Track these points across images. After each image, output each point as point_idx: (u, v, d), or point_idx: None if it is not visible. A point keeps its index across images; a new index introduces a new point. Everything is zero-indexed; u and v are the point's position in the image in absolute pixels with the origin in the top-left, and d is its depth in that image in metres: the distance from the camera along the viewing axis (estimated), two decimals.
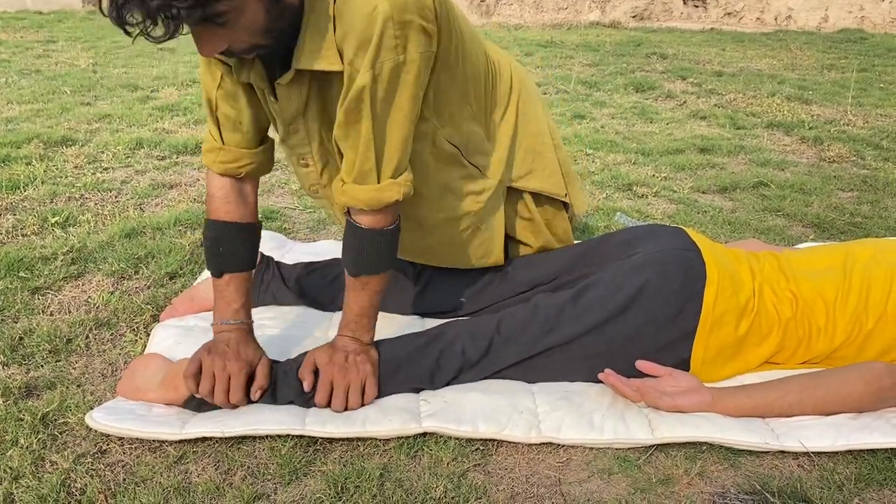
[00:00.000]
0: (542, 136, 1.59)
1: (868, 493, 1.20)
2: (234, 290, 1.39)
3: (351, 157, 1.26)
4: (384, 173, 1.27)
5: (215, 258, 1.39)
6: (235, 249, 1.39)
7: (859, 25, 7.96)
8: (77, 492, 1.17)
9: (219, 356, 1.33)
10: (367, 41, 1.15)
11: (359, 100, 1.19)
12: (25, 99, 3.79)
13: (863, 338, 1.42)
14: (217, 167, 1.38)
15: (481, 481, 1.22)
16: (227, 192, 1.40)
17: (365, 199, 1.28)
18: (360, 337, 1.38)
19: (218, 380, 1.32)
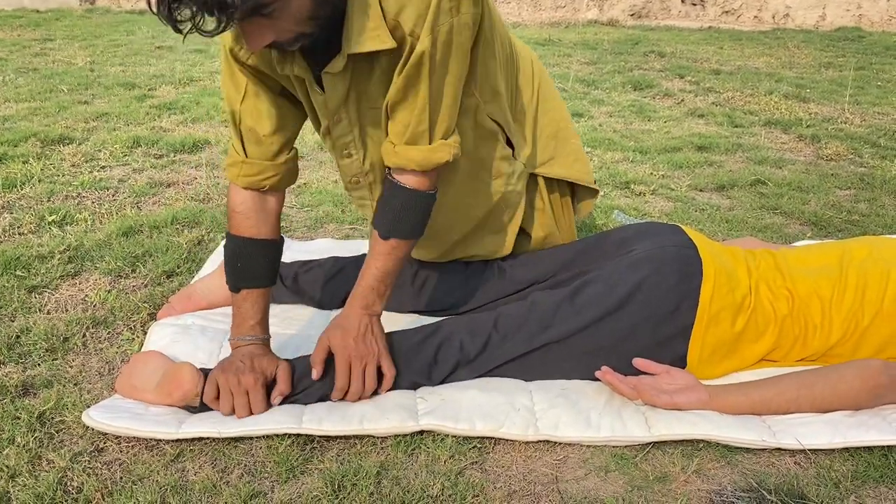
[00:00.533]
0: (565, 123, 1.60)
1: (864, 491, 1.20)
2: (250, 305, 1.38)
3: (405, 119, 1.27)
4: (436, 134, 1.29)
5: (233, 273, 1.39)
6: (253, 265, 1.38)
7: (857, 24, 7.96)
8: (73, 490, 1.17)
9: (232, 373, 1.32)
10: (426, 7, 1.17)
11: (419, 64, 1.21)
12: (22, 97, 3.78)
13: (859, 335, 1.42)
14: (241, 181, 1.37)
15: (478, 479, 1.22)
16: (247, 207, 1.39)
17: (418, 160, 1.29)
18: (373, 306, 1.37)
19: (236, 395, 1.30)
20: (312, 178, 2.72)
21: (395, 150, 1.30)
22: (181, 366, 1.36)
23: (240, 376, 1.31)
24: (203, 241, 2.13)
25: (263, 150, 1.36)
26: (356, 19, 1.18)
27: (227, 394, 1.31)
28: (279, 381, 1.34)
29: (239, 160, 1.37)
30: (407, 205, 1.33)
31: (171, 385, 1.34)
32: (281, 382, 1.34)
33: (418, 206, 1.34)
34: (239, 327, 1.39)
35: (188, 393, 1.33)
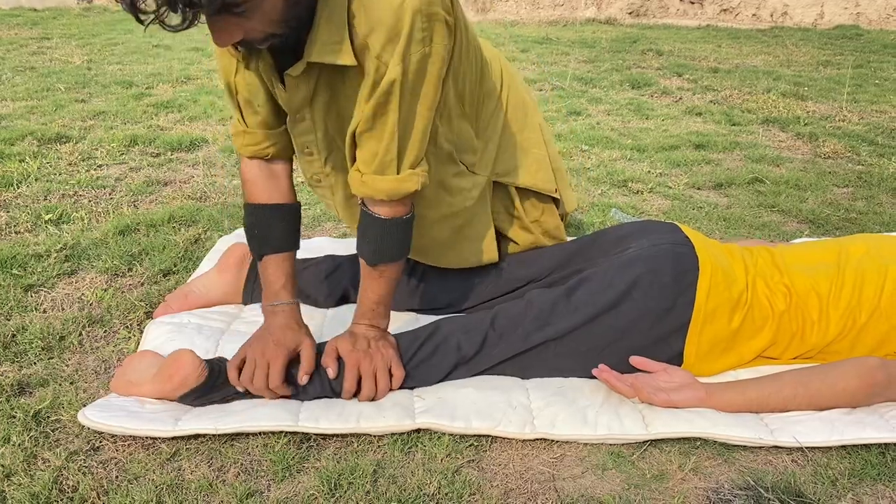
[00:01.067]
0: (530, 132, 1.58)
1: (861, 488, 1.20)
2: (272, 271, 1.40)
3: (373, 148, 1.26)
4: (405, 164, 1.28)
5: (253, 241, 1.41)
6: (270, 231, 1.40)
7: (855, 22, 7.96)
8: (69, 489, 1.16)
9: (259, 345, 1.33)
10: (396, 34, 1.15)
11: (388, 93, 1.20)
12: (19, 96, 3.78)
13: (856, 332, 1.42)
14: (245, 150, 1.39)
15: (475, 477, 1.21)
16: (256, 175, 1.40)
17: (386, 190, 1.28)
18: (377, 324, 1.40)
19: (258, 367, 1.32)
20: None
21: (362, 180, 1.29)
22: (181, 350, 1.36)
23: (265, 347, 1.33)
24: (200, 239, 2.12)
25: (261, 119, 1.37)
26: (322, 29, 1.17)
27: (250, 363, 1.32)
28: (304, 360, 1.35)
29: (241, 130, 1.38)
30: (384, 233, 1.33)
31: (171, 369, 1.34)
32: (305, 361, 1.34)
33: (395, 232, 1.34)
34: (266, 294, 1.41)
35: (189, 376, 1.32)
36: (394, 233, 1.33)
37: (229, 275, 1.71)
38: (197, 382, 1.33)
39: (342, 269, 1.72)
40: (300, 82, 1.26)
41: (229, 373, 1.34)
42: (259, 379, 1.31)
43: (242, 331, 1.59)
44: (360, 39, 1.17)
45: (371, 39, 1.16)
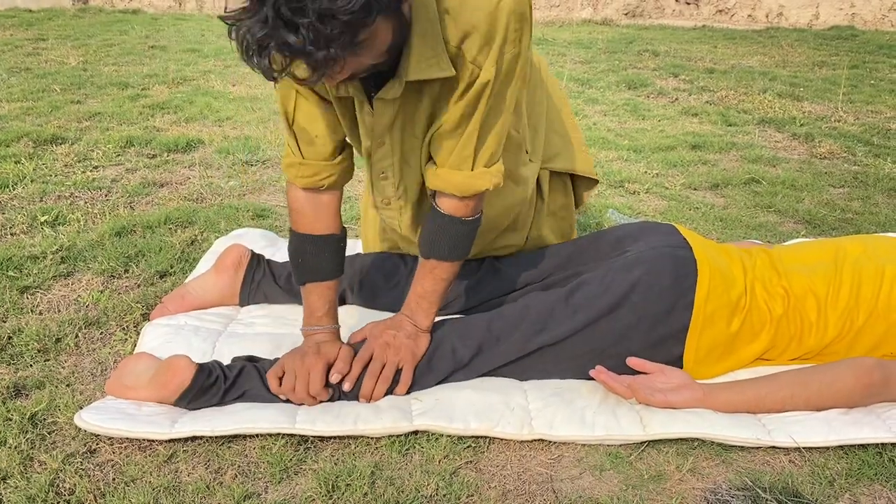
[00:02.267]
0: (567, 117, 1.62)
1: (859, 488, 1.20)
2: (315, 298, 1.41)
3: (451, 144, 1.28)
4: (479, 161, 1.29)
5: (297, 269, 1.42)
6: (315, 261, 1.40)
7: (850, 22, 7.98)
8: (66, 492, 1.16)
9: (299, 355, 1.36)
10: (492, 37, 1.16)
11: (480, 94, 1.21)
12: (15, 97, 3.76)
13: (854, 333, 1.42)
14: (300, 182, 1.37)
15: (473, 479, 1.21)
16: (304, 205, 1.39)
17: (457, 184, 1.30)
18: (417, 320, 1.41)
19: (299, 376, 1.33)
20: None
21: (436, 173, 1.32)
22: (176, 356, 1.36)
23: (304, 358, 1.35)
24: (196, 240, 2.12)
25: (318, 150, 1.35)
26: (416, 47, 1.15)
27: (290, 373, 1.34)
28: (337, 361, 1.37)
29: (296, 161, 1.36)
30: (442, 229, 1.35)
31: (166, 375, 1.34)
32: (339, 361, 1.36)
33: (454, 231, 1.35)
34: (308, 318, 1.42)
35: (184, 382, 1.32)
36: (451, 231, 1.35)
37: (226, 276, 1.71)
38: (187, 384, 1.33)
39: None
40: (388, 105, 1.25)
41: (269, 382, 1.35)
42: (301, 388, 1.33)
43: (239, 332, 1.59)
44: (452, 48, 1.17)
45: (466, 45, 1.17)
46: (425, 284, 1.39)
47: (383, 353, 1.37)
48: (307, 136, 1.33)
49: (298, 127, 1.33)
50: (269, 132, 3.28)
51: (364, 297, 1.69)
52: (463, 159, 1.29)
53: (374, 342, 1.39)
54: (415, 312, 1.41)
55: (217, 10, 7.86)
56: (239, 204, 2.42)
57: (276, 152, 3.01)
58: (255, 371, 1.38)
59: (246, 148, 3.02)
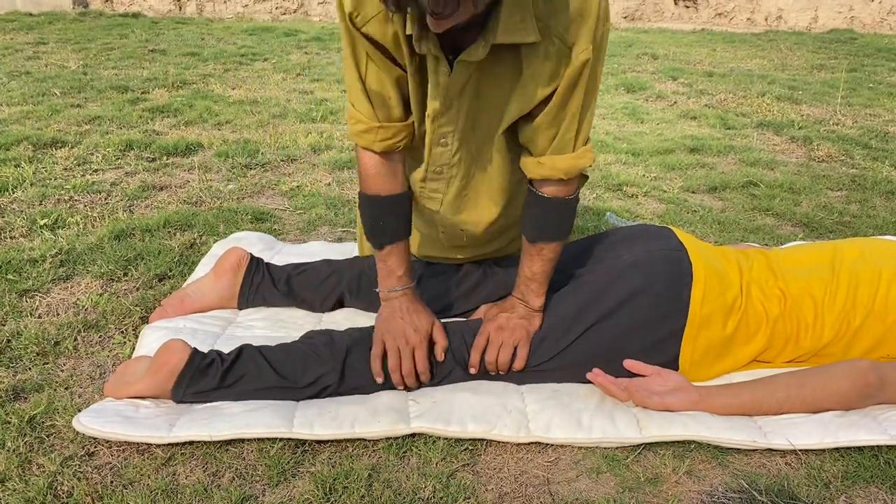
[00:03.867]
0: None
1: (855, 491, 1.20)
2: (395, 259, 1.43)
3: (552, 132, 1.30)
4: (580, 141, 1.32)
5: (375, 232, 1.43)
6: (393, 222, 1.42)
7: (849, 25, 8.00)
8: (64, 494, 1.16)
9: (399, 334, 1.39)
10: (588, 14, 1.18)
11: (580, 75, 1.23)
12: (15, 101, 3.77)
13: (851, 335, 1.43)
14: (378, 146, 1.37)
15: (470, 481, 1.22)
16: (379, 168, 1.40)
17: (563, 168, 1.33)
18: (529, 301, 1.44)
19: (404, 356, 1.38)
20: (305, 181, 2.72)
21: (539, 161, 1.33)
22: (172, 340, 1.38)
23: (407, 337, 1.39)
24: (195, 244, 2.12)
25: (392, 113, 1.36)
26: (507, 11, 1.15)
27: (394, 353, 1.39)
28: (437, 338, 1.42)
29: (374, 125, 1.36)
30: (548, 213, 1.38)
31: (162, 358, 1.35)
32: (440, 338, 1.42)
33: (559, 213, 1.39)
34: (387, 280, 1.44)
35: (180, 362, 1.34)
36: (557, 212, 1.39)
37: (225, 280, 1.71)
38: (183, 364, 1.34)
39: (338, 275, 1.72)
40: (466, 68, 1.25)
41: (372, 363, 1.39)
42: (407, 366, 1.38)
43: (238, 335, 1.59)
44: (541, 21, 1.18)
45: (554, 19, 1.18)
46: (534, 267, 1.42)
47: (498, 336, 1.41)
48: (381, 100, 1.34)
49: (372, 91, 1.33)
50: (269, 136, 3.28)
51: (362, 300, 1.70)
52: (565, 143, 1.31)
53: (488, 325, 1.43)
54: (526, 294, 1.44)
55: (217, 14, 7.87)
56: (238, 207, 2.42)
57: (275, 156, 3.01)
58: (255, 352, 1.39)
59: (245, 151, 3.03)
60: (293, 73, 4.83)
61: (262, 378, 1.36)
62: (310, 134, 3.36)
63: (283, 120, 3.63)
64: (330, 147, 3.19)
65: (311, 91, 4.34)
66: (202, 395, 1.35)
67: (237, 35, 6.39)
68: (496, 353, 1.41)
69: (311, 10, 8.14)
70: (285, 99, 4.08)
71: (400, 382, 1.40)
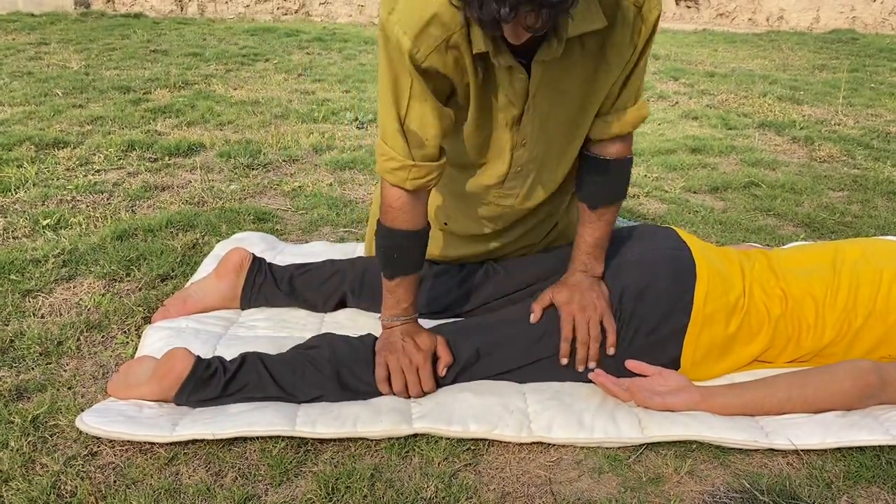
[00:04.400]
0: None
1: (856, 491, 1.21)
2: (403, 291, 1.44)
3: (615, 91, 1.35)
4: (641, 94, 1.40)
5: (390, 263, 1.43)
6: (409, 256, 1.43)
7: (850, 26, 7.99)
8: (67, 494, 1.16)
9: (402, 353, 1.39)
10: None
11: (652, 32, 1.28)
12: (17, 101, 3.78)
13: (852, 335, 1.43)
14: (410, 184, 1.36)
15: (472, 481, 1.22)
16: (404, 203, 1.39)
17: (631, 121, 1.39)
18: (593, 269, 1.46)
19: (408, 373, 1.38)
20: (307, 181, 2.72)
21: (607, 120, 1.38)
22: (175, 348, 1.38)
23: (410, 357, 1.39)
24: (198, 244, 2.13)
25: (427, 152, 1.35)
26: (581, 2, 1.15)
27: (398, 373, 1.39)
28: (442, 354, 1.42)
29: (408, 164, 1.34)
30: (610, 174, 1.43)
31: (165, 366, 1.35)
32: (444, 355, 1.42)
33: (622, 171, 1.44)
34: (392, 309, 1.44)
35: (183, 372, 1.34)
36: (619, 173, 1.44)
37: (227, 280, 1.71)
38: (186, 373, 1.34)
39: (341, 274, 1.72)
40: (542, 67, 1.26)
41: (380, 386, 1.39)
42: (414, 386, 1.38)
43: (240, 335, 1.60)
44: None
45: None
46: (596, 233, 1.45)
47: (583, 316, 1.40)
48: (418, 140, 1.33)
49: (410, 131, 1.32)
50: (271, 136, 3.29)
51: (365, 300, 1.70)
52: (631, 96, 1.36)
53: (567, 311, 1.42)
54: (589, 263, 1.46)
55: (218, 15, 7.88)
56: (240, 208, 2.42)
57: (277, 156, 3.02)
58: (258, 362, 1.39)
59: (247, 152, 3.03)
60: (295, 74, 4.83)
61: (264, 390, 1.37)
62: (311, 134, 3.36)
63: (284, 120, 3.64)
64: (332, 147, 3.19)
65: (312, 91, 4.34)
66: (204, 402, 1.36)
67: (239, 35, 6.39)
68: (587, 333, 1.40)
69: (313, 10, 8.14)
70: (287, 99, 4.09)
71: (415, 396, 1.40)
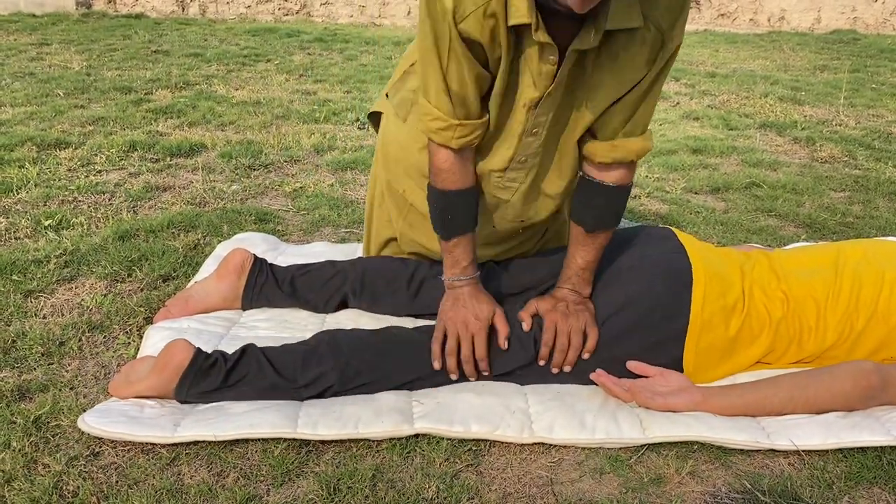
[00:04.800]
0: None
1: (858, 492, 1.21)
2: (461, 250, 1.45)
3: (625, 117, 1.35)
4: (648, 124, 1.39)
5: (444, 225, 1.44)
6: (462, 215, 1.44)
7: (852, 26, 7.99)
8: (69, 494, 1.17)
9: (460, 320, 1.42)
10: (683, 2, 1.23)
11: (669, 60, 1.28)
12: (19, 102, 3.78)
13: (854, 337, 1.43)
14: (455, 143, 1.37)
15: (473, 481, 1.22)
16: (452, 164, 1.40)
17: (636, 150, 1.38)
18: (580, 290, 1.47)
19: (463, 340, 1.41)
20: (308, 182, 2.72)
21: (613, 145, 1.37)
22: (176, 339, 1.38)
23: (466, 321, 1.42)
24: (199, 244, 2.13)
25: (470, 110, 1.36)
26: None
27: (453, 336, 1.42)
28: (500, 327, 1.43)
29: (453, 123, 1.35)
30: (611, 201, 1.43)
31: (165, 357, 1.36)
32: (501, 326, 1.43)
33: (621, 198, 1.44)
34: (452, 269, 1.47)
35: (183, 361, 1.34)
36: (618, 200, 1.44)
37: (229, 280, 1.71)
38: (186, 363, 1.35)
39: (342, 275, 1.72)
40: (571, 57, 1.26)
41: (433, 347, 1.41)
42: (466, 350, 1.40)
43: (242, 336, 1.60)
44: (643, 7, 1.21)
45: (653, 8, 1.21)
46: (588, 256, 1.45)
47: (566, 324, 1.42)
48: (461, 98, 1.34)
49: (452, 90, 1.33)
50: (272, 136, 3.29)
51: (365, 300, 1.70)
52: (637, 125, 1.36)
53: (551, 316, 1.43)
54: (578, 284, 1.46)
55: (220, 15, 7.89)
56: (241, 208, 2.43)
57: (278, 156, 3.02)
58: (259, 352, 1.40)
59: (248, 152, 3.03)
60: (296, 74, 4.83)
61: (263, 376, 1.37)
62: (313, 135, 3.36)
63: (285, 121, 3.64)
64: (333, 148, 3.20)
65: (313, 92, 4.34)
66: (205, 394, 1.36)
67: (240, 36, 6.40)
68: (567, 340, 1.41)
69: (314, 11, 8.15)
70: (288, 100, 4.09)
71: (455, 369, 1.42)
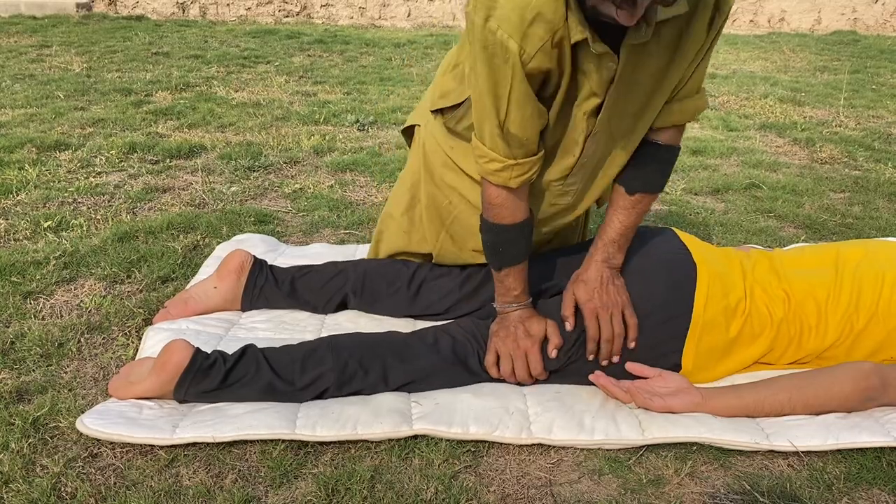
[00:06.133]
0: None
1: (857, 493, 1.20)
2: (512, 280, 1.45)
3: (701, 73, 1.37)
4: (702, 84, 1.41)
5: (497, 256, 1.44)
6: (514, 247, 1.43)
7: (852, 27, 7.99)
8: (67, 496, 1.17)
9: (510, 339, 1.42)
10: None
11: (724, 23, 1.29)
12: (19, 104, 3.79)
13: (854, 337, 1.43)
14: (515, 182, 1.36)
15: (472, 482, 1.22)
16: (505, 199, 1.39)
17: (692, 110, 1.40)
18: (614, 258, 1.45)
19: (516, 359, 1.41)
20: (308, 183, 2.72)
21: (670, 108, 1.38)
22: (175, 339, 1.38)
23: (518, 341, 1.42)
24: (199, 246, 2.13)
25: (526, 149, 1.35)
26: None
27: (506, 358, 1.42)
28: (551, 337, 1.43)
29: (510, 163, 1.34)
30: (660, 161, 1.43)
31: (165, 356, 1.36)
32: (553, 337, 1.43)
33: (670, 159, 1.44)
34: (504, 296, 1.47)
35: (183, 360, 1.34)
36: (667, 161, 1.44)
37: (228, 281, 1.71)
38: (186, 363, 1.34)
39: (342, 276, 1.72)
40: (630, 52, 1.25)
41: (489, 370, 1.43)
42: (521, 370, 1.41)
43: (241, 337, 1.60)
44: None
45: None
46: (627, 220, 1.44)
47: (606, 314, 1.40)
48: (517, 140, 1.33)
49: (509, 133, 1.31)
50: (272, 138, 3.29)
51: (365, 301, 1.70)
52: (694, 86, 1.37)
53: (589, 309, 1.41)
54: (613, 253, 1.45)
55: (220, 17, 7.89)
56: (241, 209, 2.43)
57: (278, 158, 3.02)
58: (258, 353, 1.40)
59: (248, 154, 3.03)
60: (296, 76, 4.83)
61: (261, 377, 1.37)
62: (312, 136, 3.36)
63: (285, 122, 3.64)
64: (332, 149, 3.20)
65: (313, 93, 4.35)
66: (204, 395, 1.36)
67: (240, 38, 6.40)
68: (611, 330, 1.40)
69: (314, 12, 8.15)
70: (288, 101, 4.09)
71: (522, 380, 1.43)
